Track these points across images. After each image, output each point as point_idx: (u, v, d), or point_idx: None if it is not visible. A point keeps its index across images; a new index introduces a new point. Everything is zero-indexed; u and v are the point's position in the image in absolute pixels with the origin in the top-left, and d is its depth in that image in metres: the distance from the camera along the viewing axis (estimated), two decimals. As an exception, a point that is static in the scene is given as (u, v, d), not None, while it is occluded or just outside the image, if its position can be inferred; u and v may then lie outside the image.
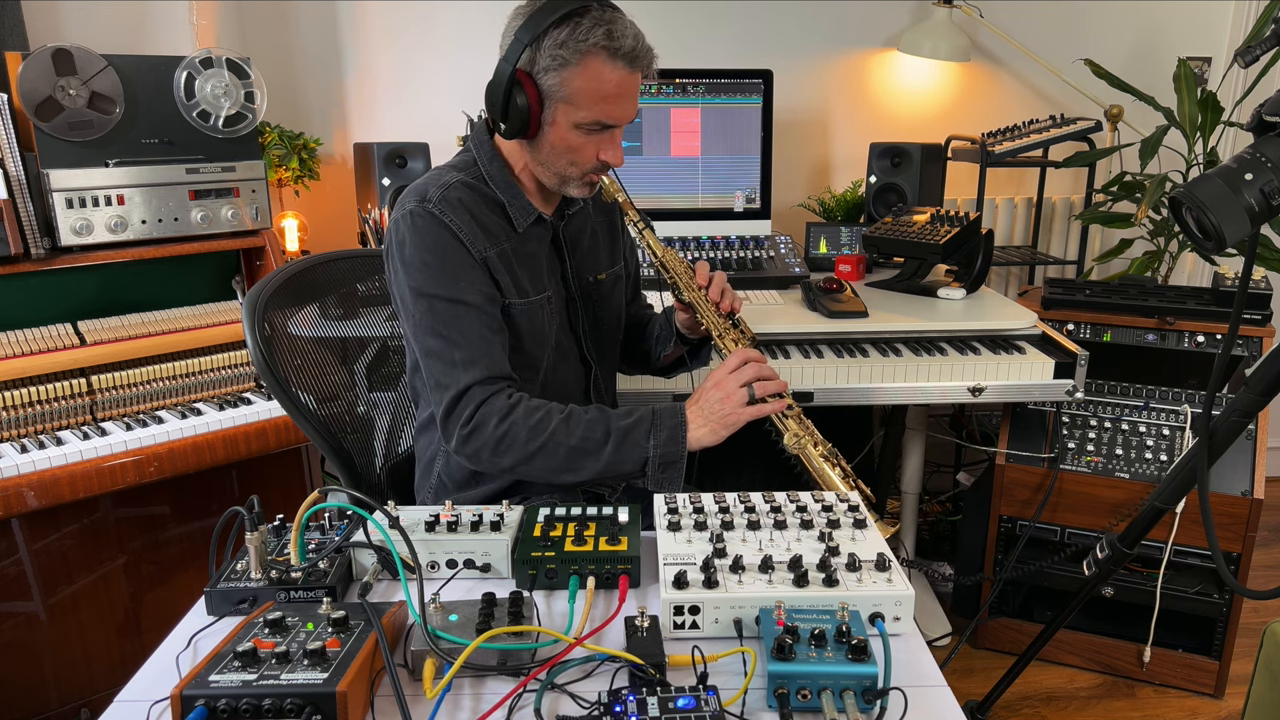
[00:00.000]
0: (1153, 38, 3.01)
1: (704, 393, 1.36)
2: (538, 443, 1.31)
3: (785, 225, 2.95)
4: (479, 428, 1.32)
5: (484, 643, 0.91)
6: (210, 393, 2.10)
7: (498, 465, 1.34)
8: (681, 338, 1.64)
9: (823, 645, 0.88)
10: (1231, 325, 1.31)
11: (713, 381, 1.36)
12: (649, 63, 1.36)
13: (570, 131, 1.35)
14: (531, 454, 1.32)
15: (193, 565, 2.17)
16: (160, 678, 0.95)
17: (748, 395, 1.34)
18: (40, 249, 1.89)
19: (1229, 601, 2.21)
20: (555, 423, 1.32)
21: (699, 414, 1.34)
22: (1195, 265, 3.19)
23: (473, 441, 1.33)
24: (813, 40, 2.92)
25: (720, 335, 1.48)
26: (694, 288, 1.50)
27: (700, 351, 1.68)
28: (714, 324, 1.49)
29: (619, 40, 1.30)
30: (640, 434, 1.32)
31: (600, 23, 1.29)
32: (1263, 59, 1.31)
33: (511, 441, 1.31)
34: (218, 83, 2.08)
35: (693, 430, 1.33)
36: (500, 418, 1.31)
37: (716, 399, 1.34)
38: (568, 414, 1.33)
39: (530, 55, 1.31)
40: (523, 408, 1.32)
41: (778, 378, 1.39)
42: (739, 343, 1.47)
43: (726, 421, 1.34)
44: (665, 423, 1.33)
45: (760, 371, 1.37)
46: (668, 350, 1.68)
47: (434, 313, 1.35)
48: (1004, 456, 2.31)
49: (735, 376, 1.35)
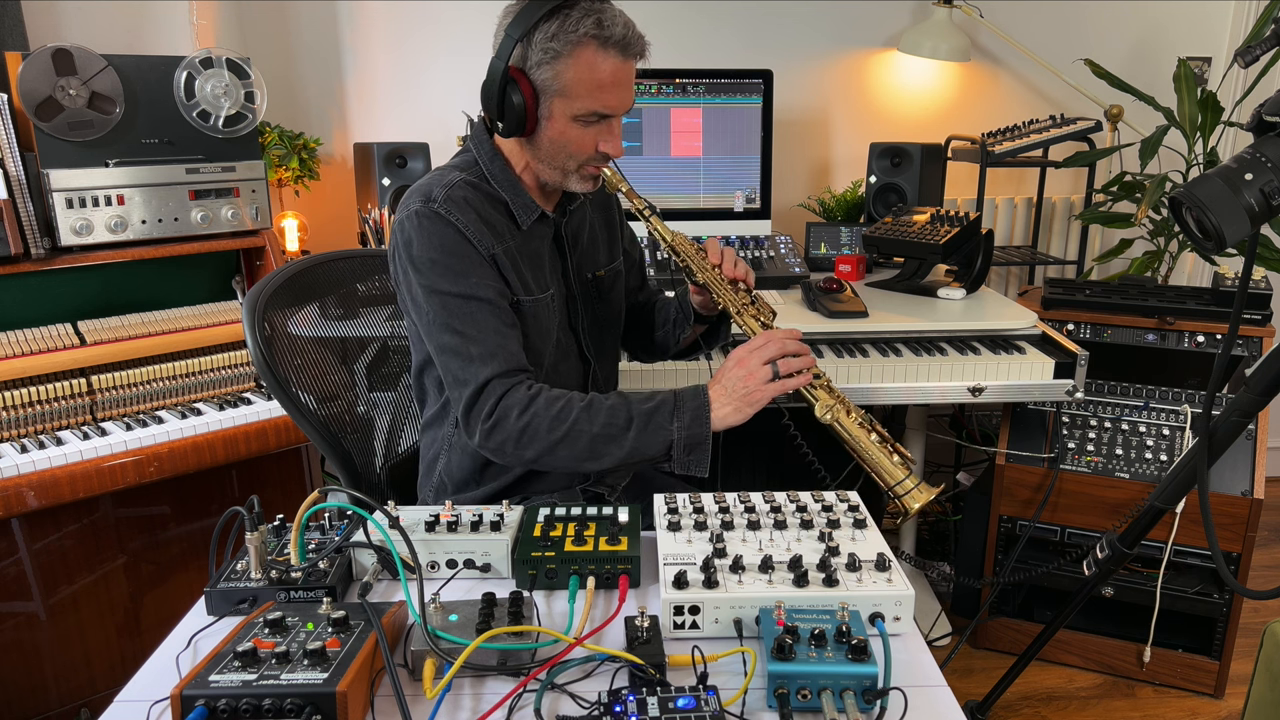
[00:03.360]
0: (1153, 38, 3.01)
1: (726, 371, 1.33)
2: (560, 432, 1.30)
3: (785, 225, 2.95)
4: (501, 421, 1.31)
5: (484, 643, 0.91)
6: (210, 393, 2.10)
7: (522, 457, 1.33)
8: (699, 318, 1.60)
9: (823, 645, 0.88)
10: (1231, 325, 1.31)
11: (734, 359, 1.33)
12: (641, 49, 1.35)
13: (567, 124, 1.35)
14: (555, 444, 1.30)
15: (193, 565, 2.17)
16: (160, 678, 0.95)
17: (771, 372, 1.31)
18: (40, 249, 1.89)
19: (1229, 601, 2.21)
20: (577, 411, 1.31)
21: (722, 393, 1.31)
22: (1195, 265, 3.18)
23: (496, 435, 1.32)
24: (813, 40, 2.92)
25: (739, 312, 1.43)
26: (707, 268, 1.46)
27: (719, 330, 1.65)
28: (731, 301, 1.44)
29: (609, 28, 1.30)
30: (663, 417, 1.30)
31: (589, 13, 1.29)
32: (1263, 59, 1.31)
33: (534, 433, 1.30)
34: (218, 83, 2.08)
35: (716, 410, 1.30)
36: (521, 409, 1.30)
37: (739, 377, 1.31)
38: (589, 402, 1.32)
39: (522, 51, 1.31)
40: (543, 398, 1.32)
41: (806, 351, 1.35)
42: (758, 318, 1.42)
43: (751, 399, 1.31)
44: (688, 404, 1.31)
45: (784, 347, 1.33)
46: (685, 333, 1.65)
47: (448, 309, 1.34)
48: (1004, 456, 2.31)
49: (758, 353, 1.32)
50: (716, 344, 1.69)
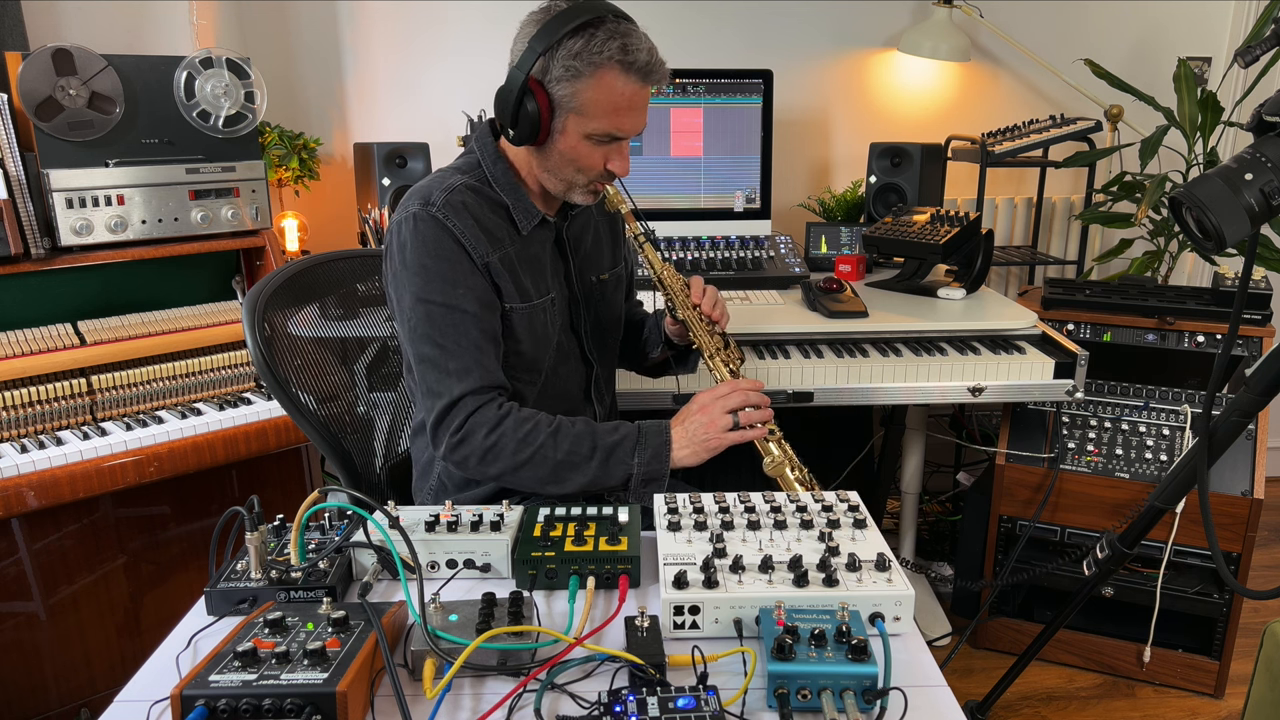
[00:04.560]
0: (1153, 38, 3.01)
1: (690, 415, 1.40)
2: (524, 455, 1.33)
3: (785, 225, 2.95)
4: (468, 437, 1.34)
5: (484, 643, 0.91)
6: (210, 393, 2.10)
7: (485, 474, 1.37)
8: (669, 343, 1.67)
9: (823, 645, 0.88)
10: (1231, 325, 1.31)
11: (699, 405, 1.40)
12: (661, 77, 1.36)
13: (580, 141, 1.36)
14: (518, 465, 1.34)
15: (193, 565, 2.17)
16: (160, 678, 0.95)
17: (731, 421, 1.38)
18: (40, 249, 1.89)
19: (1229, 601, 2.21)
20: (543, 436, 1.34)
21: (683, 434, 1.38)
22: (1195, 265, 3.18)
23: (461, 450, 1.34)
24: (813, 40, 2.92)
25: (711, 355, 1.52)
26: (689, 306, 1.54)
27: (687, 358, 1.72)
28: (706, 344, 1.53)
29: (634, 54, 1.30)
30: (625, 451, 1.35)
31: (615, 35, 1.30)
32: (1263, 59, 1.31)
33: (499, 452, 1.33)
34: (218, 83, 2.08)
35: (676, 450, 1.37)
36: (490, 429, 1.33)
37: (701, 423, 1.38)
38: (555, 427, 1.35)
39: (544, 64, 1.31)
40: (512, 419, 1.34)
41: (767, 404, 1.42)
42: (728, 363, 1.52)
43: (708, 445, 1.37)
44: (650, 441, 1.36)
45: (747, 399, 1.40)
46: (655, 354, 1.72)
47: (430, 319, 1.35)
48: (1004, 456, 2.31)
49: (722, 403, 1.39)
50: (686, 370, 1.75)
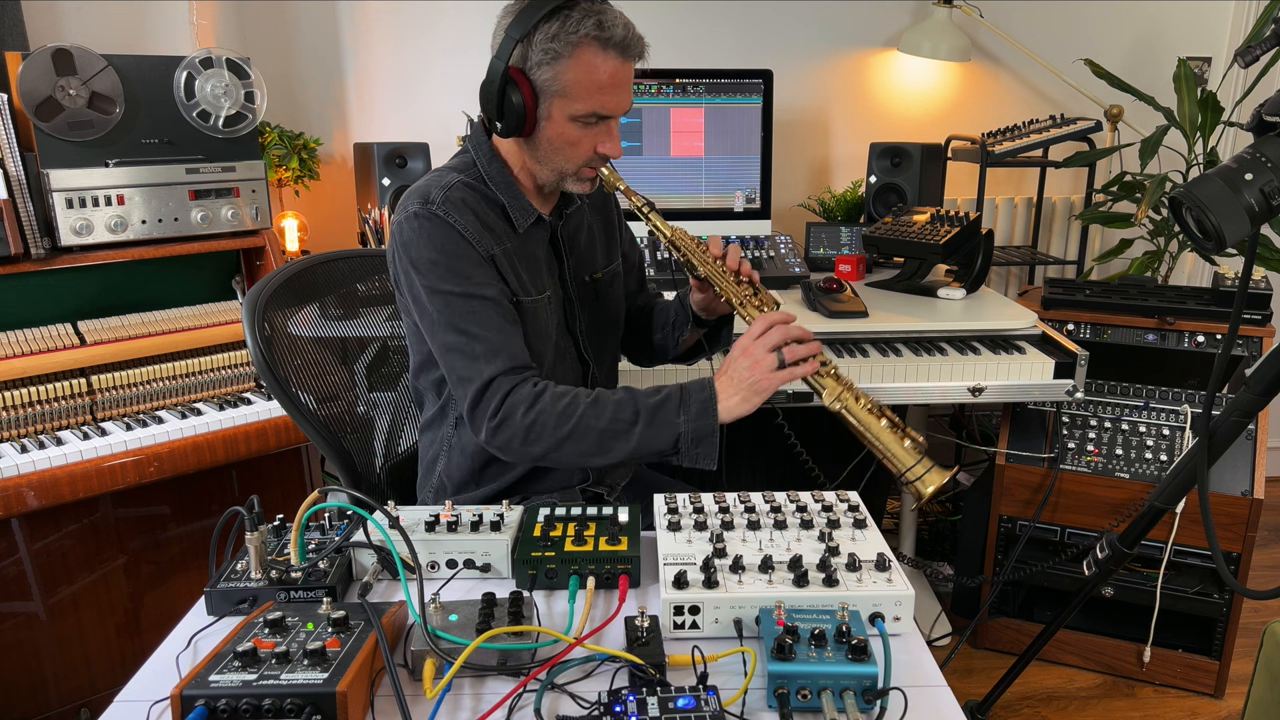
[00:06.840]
0: (1153, 38, 3.01)
1: (732, 362, 1.32)
2: (567, 428, 1.29)
3: (785, 225, 2.95)
4: (507, 418, 1.30)
5: (484, 643, 0.91)
6: (210, 393, 2.10)
7: (529, 454, 1.33)
8: (698, 320, 1.59)
9: (823, 645, 0.88)
10: (1231, 325, 1.31)
11: (739, 349, 1.32)
12: (640, 51, 1.35)
13: (567, 125, 1.35)
14: (562, 440, 1.30)
15: (193, 565, 2.17)
16: (160, 678, 0.95)
17: (777, 360, 1.29)
18: (40, 249, 1.89)
19: (1229, 601, 2.21)
20: (583, 407, 1.30)
21: (728, 384, 1.30)
22: (1195, 265, 3.18)
23: (502, 432, 1.31)
24: (813, 40, 2.92)
25: (741, 304, 1.40)
26: (708, 261, 1.43)
27: (720, 333, 1.64)
28: (734, 294, 1.41)
29: (609, 30, 1.30)
30: (670, 411, 1.30)
31: (589, 14, 1.30)
32: (1263, 59, 1.31)
33: (541, 429, 1.30)
34: (218, 83, 2.08)
35: (724, 401, 1.29)
36: (527, 406, 1.30)
37: (744, 366, 1.30)
38: (595, 397, 1.32)
39: (522, 51, 1.31)
40: (549, 394, 1.31)
41: (810, 337, 1.33)
42: (761, 309, 1.39)
43: (758, 388, 1.29)
44: (695, 397, 1.30)
45: (788, 334, 1.31)
46: (685, 335, 1.63)
47: (451, 308, 1.34)
48: (1004, 456, 2.31)
49: (762, 341, 1.30)
50: (719, 347, 1.67)
